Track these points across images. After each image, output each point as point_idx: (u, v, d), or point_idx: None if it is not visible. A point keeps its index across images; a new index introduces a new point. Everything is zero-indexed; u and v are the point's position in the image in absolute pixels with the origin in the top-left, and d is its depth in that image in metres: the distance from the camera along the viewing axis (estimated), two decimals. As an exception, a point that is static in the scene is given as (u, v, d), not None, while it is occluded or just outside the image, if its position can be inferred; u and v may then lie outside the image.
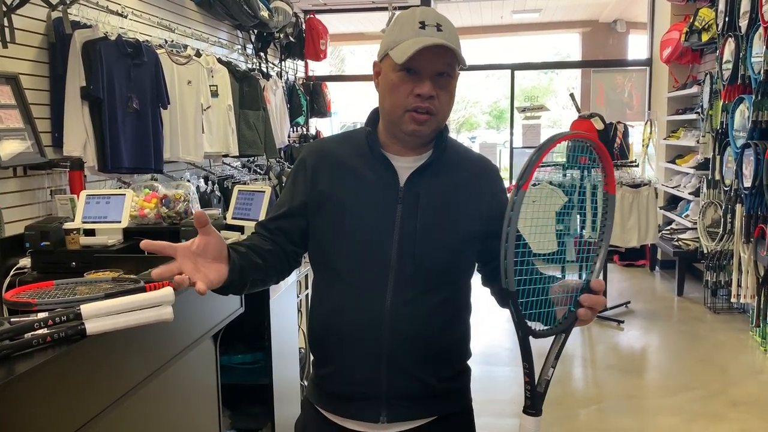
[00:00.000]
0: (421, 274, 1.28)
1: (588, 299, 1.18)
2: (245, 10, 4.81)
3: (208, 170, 4.61)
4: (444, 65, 1.24)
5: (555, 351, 1.18)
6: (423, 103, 1.24)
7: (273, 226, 1.35)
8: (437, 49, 1.22)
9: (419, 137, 1.29)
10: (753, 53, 4.33)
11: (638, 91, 7.23)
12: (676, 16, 6.22)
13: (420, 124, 1.26)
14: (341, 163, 1.33)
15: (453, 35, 1.25)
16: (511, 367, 4.09)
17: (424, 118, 1.25)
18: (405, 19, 1.27)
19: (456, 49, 1.23)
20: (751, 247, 4.34)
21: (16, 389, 1.03)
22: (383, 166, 1.31)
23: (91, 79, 3.06)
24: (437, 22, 1.24)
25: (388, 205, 1.29)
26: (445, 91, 1.26)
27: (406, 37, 1.23)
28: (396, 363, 1.28)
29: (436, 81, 1.24)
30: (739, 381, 3.77)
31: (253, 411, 2.71)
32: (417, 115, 1.25)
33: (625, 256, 6.65)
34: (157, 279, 1.08)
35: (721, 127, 4.90)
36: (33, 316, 1.25)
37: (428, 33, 1.22)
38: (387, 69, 1.27)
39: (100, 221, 2.56)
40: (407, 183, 1.30)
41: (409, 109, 1.25)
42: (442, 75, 1.25)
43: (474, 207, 1.33)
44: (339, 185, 1.31)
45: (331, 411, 1.36)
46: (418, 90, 1.23)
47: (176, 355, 1.63)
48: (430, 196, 1.30)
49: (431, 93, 1.23)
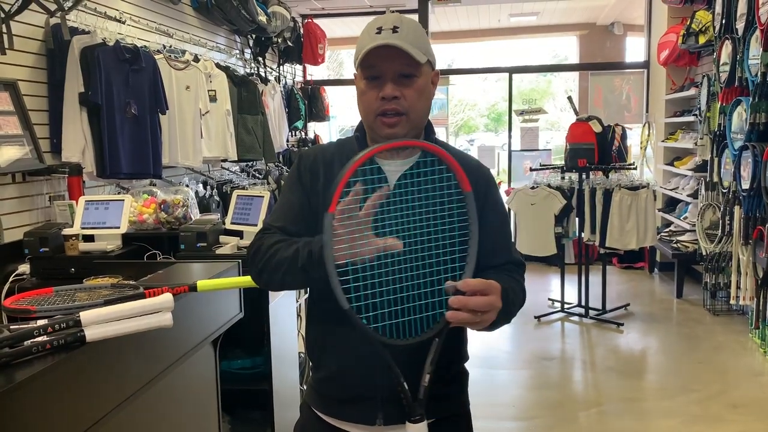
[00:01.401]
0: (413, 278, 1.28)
1: (456, 301, 1.14)
2: (243, 14, 4.82)
3: (206, 175, 4.61)
4: (402, 65, 1.26)
5: (430, 357, 1.15)
6: (389, 105, 1.26)
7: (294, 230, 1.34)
8: (392, 51, 1.24)
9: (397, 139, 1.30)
10: (750, 55, 4.34)
11: (636, 93, 7.24)
12: (673, 19, 6.24)
13: (392, 126, 1.28)
14: (335, 168, 1.35)
15: (411, 35, 1.26)
16: (511, 371, 4.09)
17: (393, 120, 1.28)
18: (366, 28, 1.30)
19: (407, 46, 1.23)
20: (750, 249, 4.35)
21: (15, 397, 1.03)
22: (373, 171, 1.32)
23: (89, 85, 3.06)
24: (394, 24, 1.26)
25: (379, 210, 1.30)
26: (410, 89, 1.28)
27: (365, 44, 1.26)
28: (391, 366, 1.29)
29: (398, 82, 1.26)
30: (739, 383, 3.77)
31: (252, 416, 2.71)
32: (386, 118, 1.28)
33: (623, 259, 6.65)
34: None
35: (719, 129, 4.91)
36: (32, 323, 1.25)
37: (383, 36, 1.25)
38: (357, 78, 1.32)
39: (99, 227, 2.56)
40: (396, 187, 1.31)
41: (379, 113, 1.28)
42: (406, 76, 1.27)
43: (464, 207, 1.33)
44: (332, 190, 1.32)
45: (329, 414, 1.37)
46: (381, 93, 1.26)
47: (176, 361, 1.63)
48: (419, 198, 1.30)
49: (393, 94, 1.26)
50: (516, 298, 1.31)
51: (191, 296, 1.64)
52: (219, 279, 1.78)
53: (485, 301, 1.15)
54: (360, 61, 1.26)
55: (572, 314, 5.16)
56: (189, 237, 2.55)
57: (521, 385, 3.90)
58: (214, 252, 2.54)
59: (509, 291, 1.26)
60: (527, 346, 4.53)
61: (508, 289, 1.25)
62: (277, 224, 1.36)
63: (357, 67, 1.29)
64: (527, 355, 4.35)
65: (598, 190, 4.99)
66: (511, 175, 7.65)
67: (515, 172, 7.65)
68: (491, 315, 1.17)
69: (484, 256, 1.37)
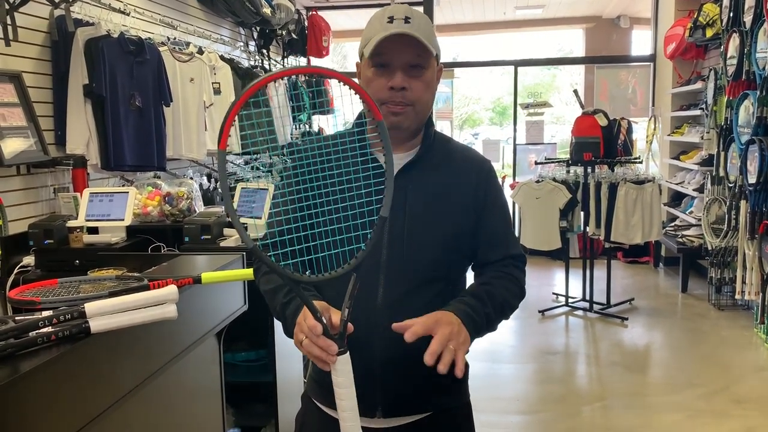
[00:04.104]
0: (412, 270, 1.29)
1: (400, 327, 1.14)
2: (247, 6, 4.80)
3: (210, 168, 4.61)
4: (413, 56, 1.27)
5: (349, 291, 1.10)
6: (396, 95, 1.26)
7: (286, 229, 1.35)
8: (405, 41, 1.24)
9: (400, 129, 1.30)
10: (758, 49, 4.31)
11: (642, 87, 7.20)
12: (680, 12, 6.20)
13: (396, 115, 1.28)
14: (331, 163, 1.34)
15: (423, 27, 1.27)
16: (514, 365, 4.09)
17: (399, 109, 1.28)
18: (376, 16, 1.30)
19: (421, 37, 1.24)
20: (756, 244, 4.33)
21: (20, 387, 1.03)
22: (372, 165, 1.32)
23: (93, 77, 3.06)
24: (406, 15, 1.27)
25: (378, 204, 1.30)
26: (419, 81, 1.28)
27: (375, 32, 1.26)
28: (390, 358, 1.29)
29: (408, 72, 1.27)
30: (743, 378, 3.76)
31: (256, 408, 2.72)
32: (392, 107, 1.27)
33: (629, 253, 6.64)
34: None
35: (726, 123, 4.88)
36: (37, 315, 1.25)
37: (395, 26, 1.25)
38: (363, 67, 1.31)
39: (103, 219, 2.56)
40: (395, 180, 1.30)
41: (385, 102, 1.27)
42: (414, 67, 1.27)
43: (463, 201, 1.34)
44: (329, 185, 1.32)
45: (328, 405, 1.37)
46: (391, 82, 1.26)
47: (180, 353, 1.63)
48: (418, 191, 1.31)
49: (402, 84, 1.26)
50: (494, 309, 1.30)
51: (195, 288, 1.64)
52: (223, 271, 1.78)
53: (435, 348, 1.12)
54: (373, 48, 1.25)
55: (576, 308, 5.15)
56: (193, 229, 2.54)
57: (525, 379, 3.90)
58: (218, 244, 2.54)
59: (473, 312, 1.24)
60: (531, 340, 4.52)
61: (469, 311, 1.23)
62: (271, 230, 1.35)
63: (366, 55, 1.28)
64: (531, 349, 4.35)
65: (604, 184, 4.97)
66: (515, 168, 7.63)
67: (520, 166, 7.63)
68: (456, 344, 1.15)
69: (482, 251, 1.38)
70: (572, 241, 5.37)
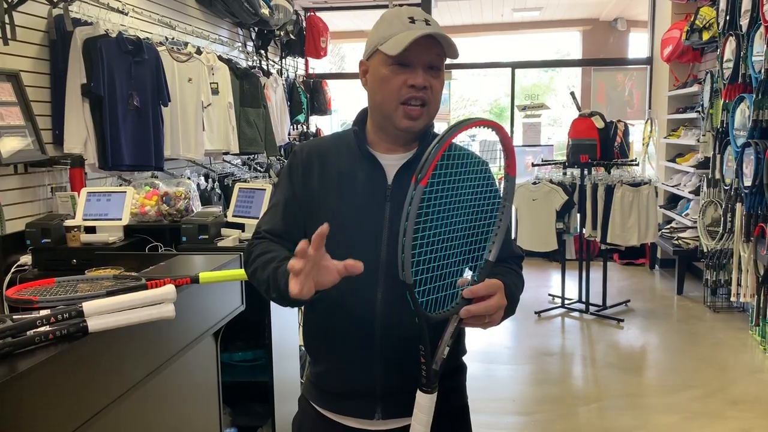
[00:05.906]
0: None
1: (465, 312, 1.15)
2: (246, 7, 4.80)
3: (208, 168, 4.61)
4: (435, 57, 1.27)
5: (450, 332, 1.17)
6: (417, 93, 1.26)
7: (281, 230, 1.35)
8: (428, 42, 1.24)
9: (411, 133, 1.31)
10: (754, 52, 4.33)
11: (639, 89, 7.22)
12: (676, 15, 6.22)
13: (413, 119, 1.27)
14: (331, 163, 1.35)
15: (440, 30, 1.28)
16: (511, 366, 4.10)
17: (417, 112, 1.27)
18: (393, 15, 1.29)
19: (449, 38, 1.25)
20: (751, 246, 4.34)
21: (18, 387, 1.03)
22: (371, 165, 1.33)
23: (91, 77, 3.06)
24: (425, 18, 1.28)
25: (377, 204, 1.31)
26: (437, 81, 1.29)
27: (398, 31, 1.25)
28: (389, 360, 1.29)
29: (427, 73, 1.27)
30: (739, 380, 3.78)
31: (253, 408, 2.72)
32: (410, 108, 1.26)
33: (624, 255, 6.65)
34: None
35: (722, 125, 4.90)
36: (35, 314, 1.25)
37: (419, 26, 1.25)
38: (377, 64, 1.29)
39: (100, 218, 2.56)
40: (395, 180, 1.31)
41: (403, 101, 1.26)
42: (432, 68, 1.27)
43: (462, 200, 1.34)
44: (329, 185, 1.33)
45: (327, 408, 1.38)
46: (412, 81, 1.25)
47: (177, 353, 1.63)
48: None
49: (425, 83, 1.26)
50: (517, 291, 1.31)
51: (193, 288, 1.64)
52: (221, 271, 1.78)
53: (488, 307, 1.16)
54: (403, 47, 1.22)
55: (573, 310, 5.16)
56: (191, 229, 2.55)
57: (521, 380, 3.91)
58: (215, 244, 2.54)
59: (512, 287, 1.26)
60: (527, 341, 4.53)
61: (510, 284, 1.25)
62: (265, 227, 1.37)
63: (387, 52, 1.24)
64: (527, 350, 4.35)
65: (600, 186, 4.98)
66: (512, 170, 7.62)
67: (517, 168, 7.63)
68: (498, 315, 1.18)
69: None
70: (569, 243, 5.38)
